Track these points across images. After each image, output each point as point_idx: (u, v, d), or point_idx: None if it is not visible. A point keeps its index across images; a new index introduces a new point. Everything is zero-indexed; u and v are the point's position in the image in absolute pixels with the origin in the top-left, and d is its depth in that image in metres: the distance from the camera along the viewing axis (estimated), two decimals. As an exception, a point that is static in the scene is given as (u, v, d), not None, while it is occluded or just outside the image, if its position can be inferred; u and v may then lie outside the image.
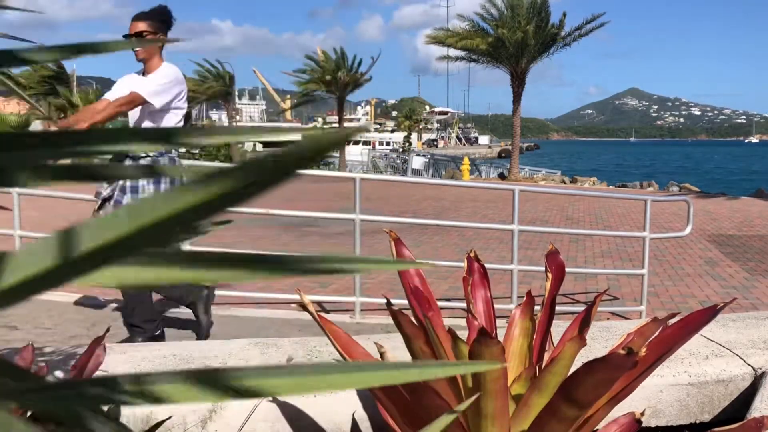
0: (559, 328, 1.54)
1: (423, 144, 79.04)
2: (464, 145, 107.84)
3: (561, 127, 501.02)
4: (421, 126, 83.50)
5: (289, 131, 0.33)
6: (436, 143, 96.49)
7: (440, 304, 1.54)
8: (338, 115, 29.22)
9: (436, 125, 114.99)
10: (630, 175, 38.22)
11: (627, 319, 4.65)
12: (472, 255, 1.57)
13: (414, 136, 56.33)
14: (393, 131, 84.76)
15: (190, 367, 1.14)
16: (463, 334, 1.41)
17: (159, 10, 3.46)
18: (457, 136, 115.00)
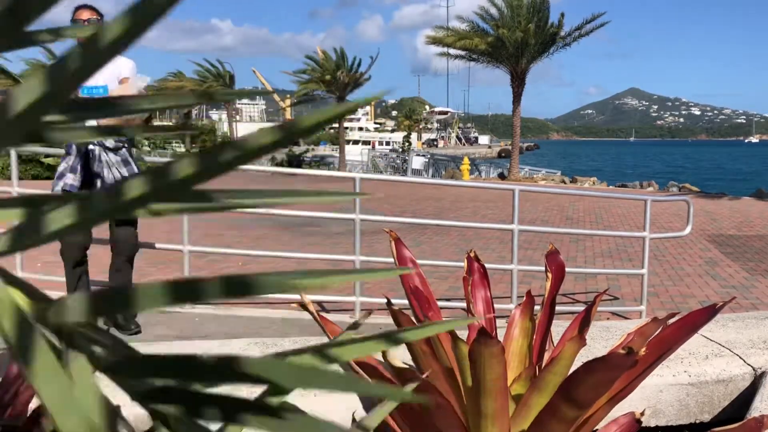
0: (559, 328, 1.54)
1: (423, 144, 79.02)
2: (464, 145, 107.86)
3: (561, 127, 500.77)
4: (420, 126, 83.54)
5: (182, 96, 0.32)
6: (435, 143, 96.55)
7: (440, 304, 1.54)
8: (338, 115, 29.16)
9: (435, 125, 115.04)
10: (630, 175, 38.22)
11: (627, 319, 4.65)
12: (472, 255, 1.57)
13: (414, 136, 56.31)
14: (393, 131, 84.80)
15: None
16: (463, 334, 1.42)
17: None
18: (457, 136, 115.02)
